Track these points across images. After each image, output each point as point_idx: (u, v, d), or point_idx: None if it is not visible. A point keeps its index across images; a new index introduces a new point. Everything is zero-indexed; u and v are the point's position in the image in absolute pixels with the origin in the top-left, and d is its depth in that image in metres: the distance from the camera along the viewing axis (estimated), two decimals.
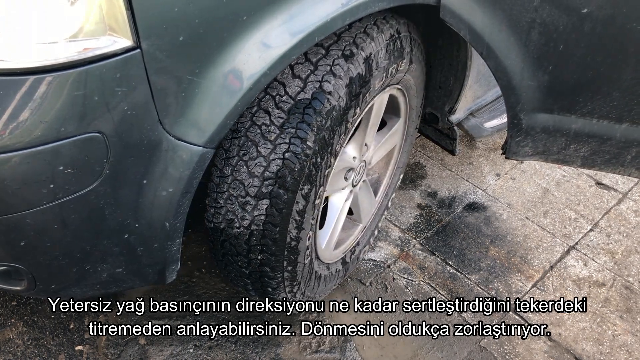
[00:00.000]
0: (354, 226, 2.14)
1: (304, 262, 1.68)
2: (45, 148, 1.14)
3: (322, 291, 1.99)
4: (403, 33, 1.58)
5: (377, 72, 1.51)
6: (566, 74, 1.57)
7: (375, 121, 1.76)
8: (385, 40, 1.50)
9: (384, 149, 2.00)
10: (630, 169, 1.83)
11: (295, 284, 1.73)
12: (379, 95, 1.67)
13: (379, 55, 1.49)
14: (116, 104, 1.15)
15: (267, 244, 1.52)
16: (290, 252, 1.59)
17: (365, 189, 2.06)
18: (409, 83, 1.77)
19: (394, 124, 1.94)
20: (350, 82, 1.43)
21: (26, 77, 1.08)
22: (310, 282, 1.82)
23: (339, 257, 2.05)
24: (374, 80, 1.51)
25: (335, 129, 1.44)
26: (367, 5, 1.34)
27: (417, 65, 1.74)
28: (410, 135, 2.07)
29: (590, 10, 1.43)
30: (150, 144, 1.25)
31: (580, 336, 2.12)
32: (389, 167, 2.15)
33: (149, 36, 1.12)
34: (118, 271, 1.47)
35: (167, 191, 1.33)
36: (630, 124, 1.68)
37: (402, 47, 1.58)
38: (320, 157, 1.45)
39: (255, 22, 1.22)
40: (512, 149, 1.77)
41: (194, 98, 1.23)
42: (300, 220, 1.52)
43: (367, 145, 1.81)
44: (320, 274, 1.89)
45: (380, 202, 2.20)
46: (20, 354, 1.89)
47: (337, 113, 1.42)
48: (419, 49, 1.72)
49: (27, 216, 1.22)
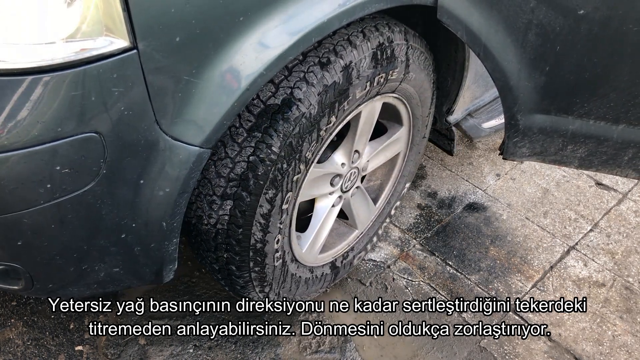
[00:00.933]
0: (348, 231, 2.13)
1: (273, 265, 1.69)
2: (43, 148, 1.14)
3: (304, 293, 1.99)
4: (397, 42, 1.56)
5: (358, 81, 1.49)
6: (563, 75, 1.57)
7: (366, 129, 1.75)
8: (371, 49, 1.48)
9: (382, 156, 1.98)
10: (627, 170, 1.83)
11: (265, 285, 1.73)
12: (367, 104, 1.65)
13: (362, 64, 1.48)
14: (113, 104, 1.16)
15: (232, 243, 1.54)
16: (256, 254, 1.60)
17: (360, 196, 2.04)
18: (408, 92, 1.75)
19: (395, 132, 1.92)
20: (324, 90, 1.42)
21: (23, 78, 1.09)
22: (286, 283, 1.82)
23: (327, 261, 2.04)
24: (354, 89, 1.49)
25: (304, 136, 1.44)
26: (364, 6, 1.34)
27: (417, 75, 1.72)
28: (416, 144, 2.05)
29: (586, 12, 1.43)
30: (147, 144, 1.25)
31: (580, 336, 2.12)
32: (392, 175, 2.12)
33: (145, 37, 1.12)
34: (115, 271, 1.48)
35: (164, 191, 1.33)
36: (627, 125, 1.69)
37: (394, 56, 1.56)
38: (286, 163, 1.45)
39: (252, 23, 1.22)
40: (509, 149, 1.77)
41: (190, 98, 1.23)
42: (265, 223, 1.53)
43: (358, 152, 1.80)
44: (300, 276, 1.89)
45: (380, 210, 2.19)
46: (20, 354, 1.89)
47: (307, 120, 1.42)
48: (421, 58, 1.70)
49: (24, 216, 1.22)
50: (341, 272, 2.15)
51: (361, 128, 1.71)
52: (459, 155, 2.97)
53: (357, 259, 2.21)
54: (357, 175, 1.90)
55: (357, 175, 1.90)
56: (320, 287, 2.07)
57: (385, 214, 2.23)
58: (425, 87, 1.80)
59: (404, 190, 2.20)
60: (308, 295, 2.03)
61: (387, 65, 1.55)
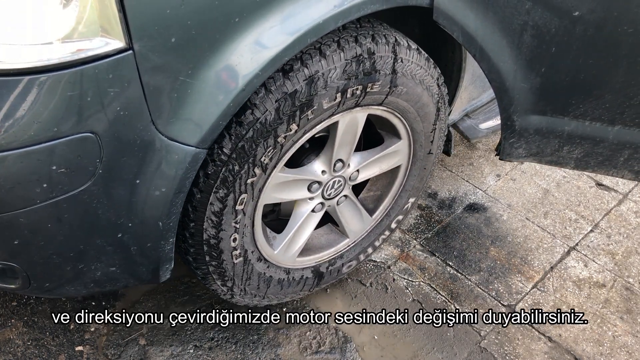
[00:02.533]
0: (338, 238, 2.10)
1: (232, 262, 1.69)
2: (39, 148, 1.15)
3: (278, 293, 1.98)
4: (380, 54, 1.53)
5: (325, 91, 1.47)
6: (558, 76, 1.57)
7: (348, 139, 1.71)
8: (344, 59, 1.46)
9: (376, 168, 1.93)
10: (623, 170, 1.84)
11: (227, 279, 1.75)
12: (345, 114, 1.62)
13: (331, 74, 1.45)
14: (109, 104, 1.17)
15: (185, 236, 1.56)
16: (211, 249, 1.61)
17: (349, 205, 2.00)
18: (401, 106, 1.71)
19: (391, 145, 1.87)
20: (283, 97, 1.41)
21: (20, 78, 1.10)
22: (251, 281, 1.82)
23: (308, 265, 2.02)
24: (319, 99, 1.47)
25: (258, 141, 1.44)
26: (359, 7, 1.34)
27: (410, 90, 1.67)
28: (420, 159, 1.97)
29: (581, 14, 1.43)
30: (143, 144, 1.26)
31: (580, 337, 2.12)
32: (392, 188, 2.06)
33: (141, 37, 1.13)
34: (112, 270, 1.49)
35: (160, 191, 1.34)
36: (622, 126, 1.69)
37: (374, 69, 1.53)
38: (239, 166, 1.45)
39: (247, 24, 1.23)
40: (505, 150, 1.77)
41: (186, 99, 1.24)
42: (218, 221, 1.54)
43: (342, 161, 1.77)
44: (272, 276, 1.88)
45: (377, 222, 2.13)
46: (20, 354, 1.90)
47: (262, 126, 1.42)
48: (417, 73, 1.66)
49: (20, 215, 1.23)
50: (326, 278, 2.12)
51: (340, 138, 1.68)
52: (459, 156, 2.97)
53: (347, 267, 2.17)
54: (343, 184, 1.87)
55: (343, 184, 1.87)
56: (299, 289, 2.05)
57: (384, 227, 2.17)
58: (424, 102, 1.75)
59: (407, 205, 2.14)
60: (284, 296, 2.02)
61: (364, 77, 1.52)
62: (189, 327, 2.04)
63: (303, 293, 2.10)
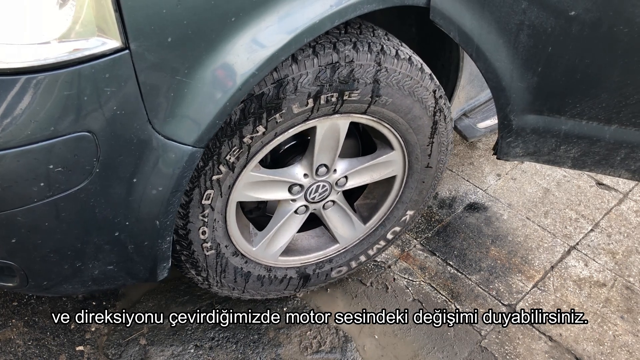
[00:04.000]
0: (329, 242, 2.08)
1: (204, 253, 1.71)
2: (36, 147, 1.16)
3: (259, 289, 1.98)
4: (360, 62, 1.50)
5: (295, 96, 1.46)
6: (555, 75, 1.57)
7: (329, 145, 1.69)
8: (317, 65, 1.45)
9: (367, 176, 1.91)
10: (619, 170, 1.84)
11: (200, 270, 1.77)
12: (323, 120, 1.60)
13: (302, 79, 1.44)
14: (105, 103, 1.18)
15: None
16: (180, 239, 1.63)
17: (338, 211, 1.99)
18: (388, 117, 1.67)
19: (383, 154, 1.84)
20: (249, 98, 1.41)
21: (17, 77, 1.10)
22: (227, 274, 1.84)
23: (292, 265, 2.01)
24: (288, 103, 1.46)
25: (222, 140, 1.44)
26: (355, 7, 1.34)
27: (398, 101, 1.63)
28: (416, 172, 1.91)
29: (577, 13, 1.44)
30: (140, 143, 1.27)
31: (581, 336, 2.11)
32: (388, 198, 2.02)
33: (137, 37, 1.14)
34: (109, 268, 1.49)
35: (157, 190, 1.35)
36: (619, 125, 1.69)
37: (352, 77, 1.51)
38: (202, 162, 1.46)
39: (244, 24, 1.23)
40: (502, 149, 1.77)
41: (183, 98, 1.25)
42: (184, 213, 1.55)
43: (326, 166, 1.76)
44: (250, 272, 1.89)
45: (371, 230, 2.09)
46: (21, 354, 1.91)
47: (226, 125, 1.42)
48: (407, 84, 1.62)
49: (17, 214, 1.24)
50: (313, 281, 2.11)
51: (321, 143, 1.67)
52: (459, 156, 2.97)
53: (337, 272, 2.15)
54: (328, 189, 1.85)
55: (328, 189, 1.85)
56: (283, 288, 2.05)
57: (379, 236, 2.12)
58: (416, 114, 1.71)
59: (404, 217, 2.08)
60: (267, 292, 2.02)
61: (340, 85, 1.51)
62: (189, 327, 2.04)
63: (288, 292, 2.10)
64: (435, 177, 1.97)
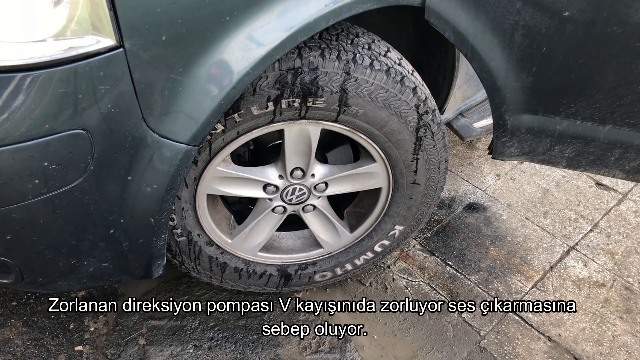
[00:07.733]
0: (313, 245, 2.07)
1: (175, 239, 1.75)
2: (31, 144, 1.17)
3: (238, 281, 2.01)
4: (325, 69, 1.49)
5: (253, 98, 1.46)
6: (549, 75, 1.57)
7: (299, 149, 1.69)
8: (278, 70, 1.45)
9: (349, 185, 1.88)
10: (614, 170, 1.84)
11: (175, 254, 1.82)
12: (291, 124, 1.59)
13: (260, 82, 1.44)
14: (100, 101, 1.18)
15: None
16: None
17: (319, 216, 1.97)
18: (362, 127, 1.64)
19: (364, 165, 1.81)
20: None
21: (12, 75, 1.11)
22: (202, 262, 1.88)
23: (272, 262, 2.02)
24: (247, 104, 1.47)
25: None
26: (350, 7, 1.34)
27: (371, 112, 1.60)
28: (402, 187, 1.86)
29: (571, 14, 1.44)
30: (135, 141, 1.27)
31: (580, 337, 2.11)
32: (374, 211, 1.97)
33: (131, 36, 1.14)
34: (105, 265, 1.50)
35: (152, 187, 1.35)
36: (613, 125, 1.69)
37: (316, 84, 1.49)
38: None
39: (238, 23, 1.24)
40: (498, 149, 1.77)
41: (177, 96, 1.25)
42: None
43: (302, 170, 1.75)
44: (226, 263, 1.92)
45: (357, 239, 2.05)
46: (20, 354, 1.91)
47: None
48: (381, 96, 1.58)
49: (12, 211, 1.25)
50: (294, 281, 2.10)
51: (290, 147, 1.66)
52: (458, 156, 2.97)
53: (321, 276, 2.12)
54: (306, 193, 1.84)
55: (306, 192, 1.84)
56: (263, 284, 2.06)
57: (366, 247, 2.07)
58: (393, 128, 1.66)
59: (393, 231, 2.02)
60: (247, 286, 2.04)
61: (301, 90, 1.49)
62: (188, 327, 2.04)
63: (269, 289, 2.10)
64: (426, 195, 1.91)
